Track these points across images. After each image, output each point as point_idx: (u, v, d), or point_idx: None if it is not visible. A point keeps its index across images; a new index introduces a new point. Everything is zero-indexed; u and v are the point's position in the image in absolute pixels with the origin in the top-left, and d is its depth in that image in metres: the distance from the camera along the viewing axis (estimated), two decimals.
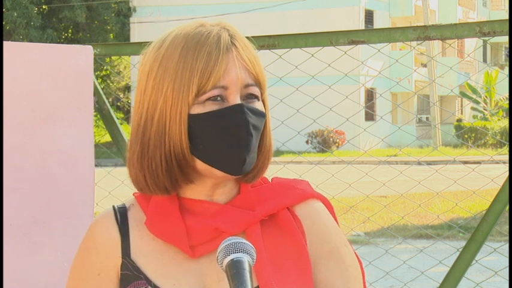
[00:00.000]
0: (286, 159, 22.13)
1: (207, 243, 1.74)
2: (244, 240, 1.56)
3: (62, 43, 29.06)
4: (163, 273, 1.74)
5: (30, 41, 31.94)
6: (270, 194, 1.79)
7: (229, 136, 1.70)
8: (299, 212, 1.79)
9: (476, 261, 3.87)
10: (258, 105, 1.75)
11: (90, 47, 2.47)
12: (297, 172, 5.05)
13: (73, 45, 2.56)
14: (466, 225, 11.64)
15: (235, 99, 1.71)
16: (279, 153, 25.79)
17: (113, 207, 1.83)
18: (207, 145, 1.71)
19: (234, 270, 1.52)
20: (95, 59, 3.37)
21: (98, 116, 4.19)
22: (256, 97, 1.74)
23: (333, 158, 19.04)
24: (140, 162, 1.75)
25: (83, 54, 2.46)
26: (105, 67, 29.77)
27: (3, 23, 33.49)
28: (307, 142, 31.42)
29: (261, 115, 1.74)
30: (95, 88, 3.93)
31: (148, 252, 1.77)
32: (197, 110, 1.71)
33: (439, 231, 11.45)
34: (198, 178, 1.76)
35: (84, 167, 2.43)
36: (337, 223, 1.84)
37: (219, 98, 1.70)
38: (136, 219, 1.80)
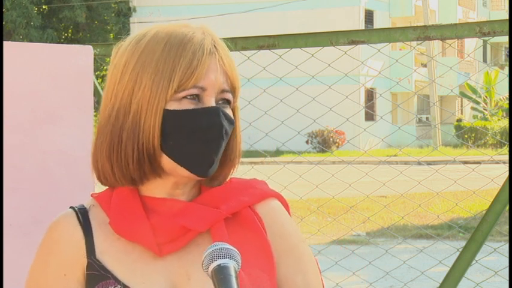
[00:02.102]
0: (286, 159, 22.12)
1: (173, 241, 1.74)
2: (230, 246, 1.57)
3: (62, 43, 29.06)
4: (131, 272, 1.74)
5: (30, 41, 31.93)
6: (232, 193, 1.81)
7: (201, 136, 1.72)
8: (260, 210, 1.82)
9: (476, 261, 3.87)
10: (229, 111, 1.77)
11: (90, 47, 2.47)
12: (297, 172, 5.05)
13: (73, 45, 2.56)
14: (466, 225, 11.63)
15: (210, 101, 1.72)
16: (279, 153, 25.78)
17: (73, 208, 1.82)
18: (178, 142, 1.72)
19: (221, 275, 1.53)
20: (95, 59, 3.37)
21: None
22: (229, 103, 1.77)
23: (333, 158, 19.04)
24: (108, 152, 1.75)
25: (83, 54, 2.46)
26: (105, 67, 29.75)
27: (3, 23, 33.48)
28: (307, 142, 31.42)
29: (232, 122, 1.77)
30: (95, 88, 3.93)
31: (114, 252, 1.76)
32: (173, 106, 1.72)
33: (439, 231, 11.45)
34: (162, 175, 1.76)
35: (84, 167, 2.43)
36: (292, 219, 1.87)
37: (196, 98, 1.72)
38: (97, 219, 1.80)
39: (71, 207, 1.83)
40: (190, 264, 1.75)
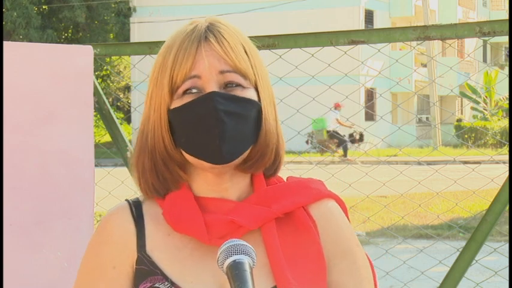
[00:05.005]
0: (286, 159, 22.08)
1: (224, 237, 1.73)
2: (244, 242, 1.57)
3: (62, 43, 29.05)
4: (180, 270, 1.74)
5: (30, 41, 31.92)
6: (285, 193, 1.79)
7: (201, 125, 1.71)
8: (313, 211, 1.80)
9: (476, 261, 3.86)
10: (242, 92, 1.73)
11: (90, 47, 2.48)
12: (297, 172, 5.04)
13: (73, 45, 2.56)
14: (466, 225, 11.62)
15: (210, 87, 1.71)
16: None
17: (127, 200, 1.83)
18: (187, 137, 1.73)
19: (236, 271, 1.54)
20: (95, 59, 3.37)
21: (98, 116, 4.19)
22: (238, 85, 1.73)
23: (333, 158, 19.04)
24: (136, 164, 1.79)
25: (83, 54, 2.46)
26: (105, 67, 29.76)
27: (3, 23, 33.48)
28: (307, 142, 31.42)
29: (242, 101, 1.73)
30: (95, 88, 3.93)
31: (165, 248, 1.76)
32: (175, 104, 1.73)
33: (439, 231, 11.44)
34: (197, 173, 1.77)
35: (84, 167, 2.43)
36: (349, 222, 1.84)
37: (194, 90, 1.72)
38: (151, 213, 1.80)
39: (126, 200, 1.83)
40: None
